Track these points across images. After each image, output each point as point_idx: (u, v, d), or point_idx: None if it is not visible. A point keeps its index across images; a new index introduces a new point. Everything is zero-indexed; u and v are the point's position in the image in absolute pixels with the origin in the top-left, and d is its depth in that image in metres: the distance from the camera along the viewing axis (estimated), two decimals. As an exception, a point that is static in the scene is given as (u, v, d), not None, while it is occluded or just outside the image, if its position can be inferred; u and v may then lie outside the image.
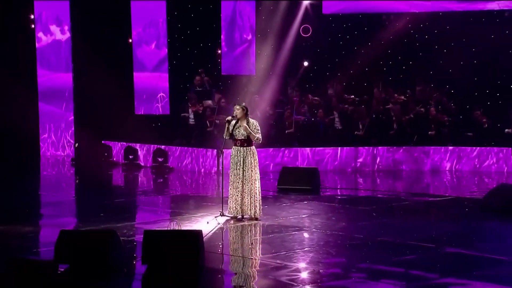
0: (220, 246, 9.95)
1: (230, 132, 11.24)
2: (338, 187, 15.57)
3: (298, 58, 19.46)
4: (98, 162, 18.29)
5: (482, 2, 18.94)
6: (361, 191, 15.42)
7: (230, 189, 11.26)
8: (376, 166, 17.44)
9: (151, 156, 17.74)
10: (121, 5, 19.27)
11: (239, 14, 19.73)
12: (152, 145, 17.86)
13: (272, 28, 19.35)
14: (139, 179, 16.85)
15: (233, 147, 11.30)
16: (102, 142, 18.62)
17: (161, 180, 16.58)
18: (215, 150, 16.88)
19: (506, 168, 17.03)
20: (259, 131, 11.19)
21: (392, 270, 8.54)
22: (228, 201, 11.29)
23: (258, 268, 8.82)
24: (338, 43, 19.63)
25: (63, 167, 18.60)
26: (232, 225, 11.01)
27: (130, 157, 17.87)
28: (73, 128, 19.61)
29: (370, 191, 15.32)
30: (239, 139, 11.17)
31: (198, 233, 8.51)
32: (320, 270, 8.50)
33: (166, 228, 9.70)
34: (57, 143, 19.84)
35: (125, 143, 18.31)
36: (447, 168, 17.34)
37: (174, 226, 10.00)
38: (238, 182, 11.18)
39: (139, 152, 18.02)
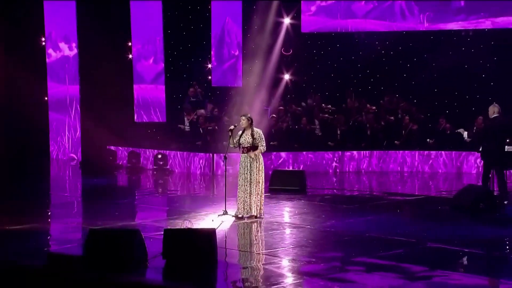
0: (227, 241, 9.87)
1: (237, 140, 11.19)
2: (322, 187, 15.45)
3: (280, 72, 19.48)
4: (105, 165, 18.16)
5: (442, 23, 19.11)
6: (343, 191, 15.34)
7: (239, 192, 11.21)
8: (353, 169, 17.44)
9: (152, 160, 17.69)
10: (122, 25, 19.21)
11: (227, 32, 19.72)
12: (153, 150, 17.78)
13: (257, 45, 19.33)
14: (143, 180, 16.75)
15: (241, 154, 11.25)
16: (107, 147, 18.51)
17: (162, 181, 16.44)
18: (209, 154, 16.96)
19: (465, 169, 17.19)
20: (263, 139, 11.19)
21: (384, 263, 8.50)
22: (237, 203, 11.25)
23: (263, 262, 8.75)
24: (314, 58, 19.66)
25: (71, 170, 18.48)
26: (235, 223, 10.95)
27: (133, 160, 17.81)
28: (79, 135, 19.48)
29: (351, 191, 15.26)
30: (246, 147, 11.15)
31: (213, 231, 8.57)
32: (321, 264, 8.44)
33: (180, 226, 9.69)
34: (66, 148, 19.71)
35: (129, 148, 18.23)
36: (415, 170, 17.40)
37: (187, 224, 10.05)
38: (246, 185, 11.16)
39: (142, 156, 17.95)
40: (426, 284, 7.70)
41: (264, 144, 11.21)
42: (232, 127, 11.40)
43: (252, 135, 11.13)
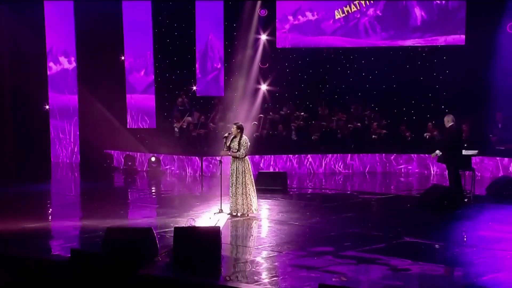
0: (226, 238, 9.83)
1: (228, 145, 11.28)
2: (301, 187, 15.38)
3: (257, 83, 19.53)
4: (102, 167, 18.10)
5: (400, 40, 19.37)
6: (321, 190, 15.21)
7: (230, 191, 11.29)
8: (328, 170, 17.43)
9: (147, 162, 17.60)
10: (116, 41, 19.15)
11: (211, 47, 19.70)
12: (147, 153, 17.72)
13: (236, 59, 19.50)
14: (140, 181, 16.57)
15: (231, 158, 11.31)
16: (104, 151, 18.41)
17: (157, 182, 16.32)
18: (198, 157, 17.01)
19: (426, 171, 17.31)
20: (244, 147, 11.14)
21: (371, 256, 8.54)
22: (230, 201, 11.34)
23: (262, 256, 8.73)
24: (287, 70, 19.71)
25: (71, 172, 18.33)
26: (230, 220, 10.98)
27: (129, 163, 17.71)
28: (78, 140, 19.40)
29: (328, 190, 15.17)
30: (234, 151, 11.24)
31: (218, 229, 8.64)
32: (315, 258, 8.51)
33: (185, 224, 9.60)
34: (65, 151, 19.60)
35: (124, 151, 18.10)
36: (381, 171, 17.46)
37: (191, 222, 10.08)
38: (233, 187, 11.22)
39: (137, 159, 17.85)
40: (411, 274, 7.83)
41: (243, 151, 11.15)
42: (226, 134, 11.49)
43: (239, 142, 11.21)
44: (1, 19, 17.35)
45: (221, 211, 11.36)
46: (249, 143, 11.37)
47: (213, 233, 8.49)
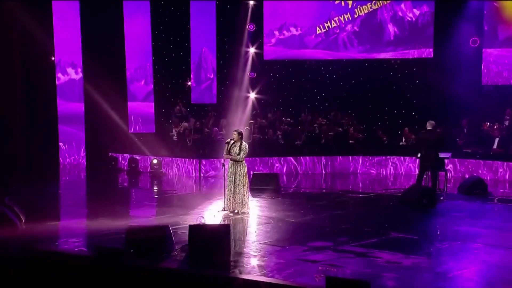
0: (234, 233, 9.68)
1: (228, 150, 11.35)
2: (291, 187, 15.19)
3: (247, 92, 19.65)
4: (107, 169, 18.04)
5: (375, 53, 19.62)
6: (310, 189, 15.06)
7: (226, 191, 11.32)
8: (318, 170, 17.41)
9: (149, 164, 17.56)
10: (119, 53, 19.12)
11: (204, 59, 19.80)
12: (148, 156, 17.67)
13: (228, 69, 19.59)
14: (143, 182, 16.47)
15: (230, 161, 11.37)
16: (109, 154, 18.34)
17: (159, 182, 16.19)
18: (196, 159, 17.04)
19: (402, 172, 17.38)
20: (243, 151, 11.20)
21: (366, 251, 8.53)
22: (224, 200, 11.39)
23: (267, 250, 8.67)
24: (273, 80, 19.89)
25: (78, 174, 18.24)
26: (231, 217, 10.96)
27: (133, 165, 17.67)
28: (84, 144, 19.32)
29: (316, 189, 15.06)
30: (234, 156, 11.29)
31: (228, 226, 8.69)
32: (316, 252, 8.44)
33: (195, 222, 9.60)
34: (72, 154, 19.54)
35: (128, 154, 18.06)
36: (361, 172, 17.50)
37: (200, 220, 10.10)
38: (231, 186, 11.26)
39: (140, 161, 17.82)
40: (404, 267, 7.89)
41: (242, 155, 11.21)
42: (228, 140, 11.55)
43: (240, 147, 11.31)
44: (15, 37, 17.19)
45: (223, 209, 11.42)
46: (248, 149, 11.45)
47: (224, 230, 8.53)
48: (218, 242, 8.28)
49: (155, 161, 17.35)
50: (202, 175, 16.87)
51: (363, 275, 7.35)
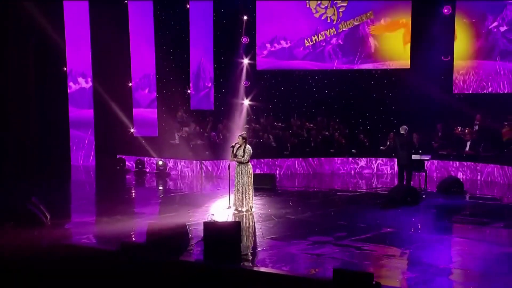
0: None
1: (234, 153, 11.43)
2: (286, 186, 15.05)
3: (241, 99, 19.67)
4: (116, 170, 17.96)
5: (357, 64, 19.72)
6: (304, 188, 15.00)
7: (234, 190, 11.38)
8: (312, 171, 17.37)
9: (154, 165, 17.51)
10: (124, 64, 19.11)
11: (202, 69, 19.74)
12: (155, 158, 17.68)
13: (224, 78, 19.59)
14: (150, 182, 16.33)
15: (236, 163, 11.49)
16: (117, 156, 18.25)
17: (165, 182, 16.09)
18: (199, 161, 16.95)
19: (384, 172, 17.41)
20: (247, 154, 11.29)
21: (365, 245, 8.58)
22: (231, 198, 11.48)
23: (273, 244, 8.74)
24: (264, 88, 19.91)
25: (88, 174, 18.12)
26: (237, 214, 11.02)
27: (140, 166, 17.62)
28: (94, 147, 19.24)
29: (309, 188, 15.03)
30: (239, 158, 11.38)
31: (239, 223, 8.68)
32: (318, 246, 8.47)
33: (207, 219, 9.75)
34: (83, 157, 19.45)
35: (135, 156, 17.95)
36: (346, 172, 17.50)
37: (211, 218, 10.17)
38: (238, 186, 11.34)
39: (146, 163, 17.77)
40: (403, 259, 8.07)
41: (246, 157, 11.27)
42: (233, 144, 11.59)
43: (244, 149, 11.38)
44: (29, 49, 17.12)
45: (229, 207, 11.51)
46: (252, 151, 11.52)
47: (235, 226, 8.57)
48: (230, 237, 8.33)
49: (160, 162, 17.31)
50: (204, 175, 16.91)
51: (363, 266, 7.44)
